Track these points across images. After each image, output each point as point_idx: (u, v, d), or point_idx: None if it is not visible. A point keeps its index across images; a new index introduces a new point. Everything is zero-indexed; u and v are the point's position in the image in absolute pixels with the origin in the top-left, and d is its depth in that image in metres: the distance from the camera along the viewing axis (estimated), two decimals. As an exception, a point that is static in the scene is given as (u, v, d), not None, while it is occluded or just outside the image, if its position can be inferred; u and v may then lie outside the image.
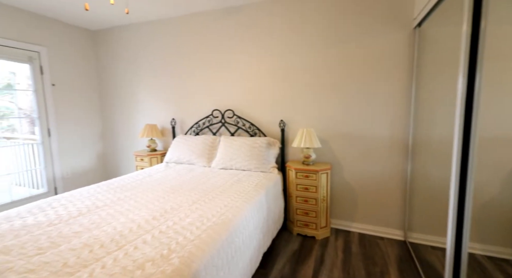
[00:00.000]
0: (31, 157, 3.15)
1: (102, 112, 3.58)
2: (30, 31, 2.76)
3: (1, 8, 2.52)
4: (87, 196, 1.74)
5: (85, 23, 3.16)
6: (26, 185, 3.29)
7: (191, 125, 3.02)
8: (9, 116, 3.76)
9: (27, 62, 2.80)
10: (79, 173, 3.30)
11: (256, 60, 2.62)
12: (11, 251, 1.07)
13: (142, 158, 2.98)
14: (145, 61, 3.18)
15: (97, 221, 1.36)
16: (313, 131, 2.26)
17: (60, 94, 3.08)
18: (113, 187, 1.94)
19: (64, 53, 3.11)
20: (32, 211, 1.48)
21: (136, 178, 2.19)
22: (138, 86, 3.28)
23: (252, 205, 1.65)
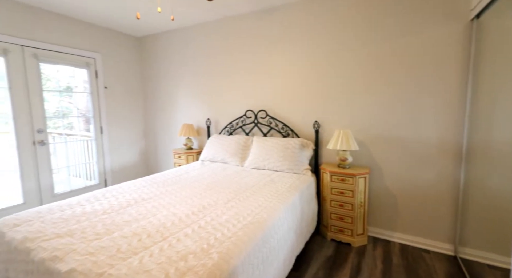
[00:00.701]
0: (86, 152, 3.55)
1: (145, 112, 3.88)
2: (87, 39, 3.11)
3: (64, 20, 2.88)
4: (134, 189, 1.90)
5: (132, 31, 3.46)
6: (82, 176, 3.72)
7: (225, 125, 3.11)
8: (68, 115, 4.30)
9: (84, 67, 3.16)
10: (125, 167, 3.62)
11: (289, 60, 2.60)
12: (74, 234, 1.22)
13: (180, 156, 3.16)
14: (183, 64, 3.37)
15: (143, 212, 1.47)
16: (350, 133, 2.16)
17: (111, 96, 3.41)
18: (156, 181, 2.08)
19: (115, 58, 3.44)
20: (90, 200, 1.66)
21: (175, 174, 2.32)
22: (177, 88, 3.49)
23: (286, 206, 1.64)
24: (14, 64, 2.49)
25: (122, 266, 0.97)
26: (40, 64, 2.70)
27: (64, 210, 1.49)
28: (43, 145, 2.73)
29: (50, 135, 2.97)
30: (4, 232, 1.28)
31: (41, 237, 1.19)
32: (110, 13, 2.82)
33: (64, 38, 2.87)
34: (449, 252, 2.01)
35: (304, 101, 2.56)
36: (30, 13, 2.58)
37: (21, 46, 2.53)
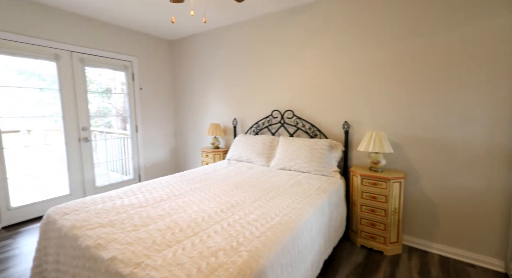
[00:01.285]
0: (122, 148, 3.82)
1: (175, 112, 4.06)
2: (126, 44, 3.34)
3: (107, 27, 3.13)
4: (166, 185, 1.99)
5: (165, 35, 3.64)
6: (118, 171, 4.01)
7: (251, 125, 3.13)
8: (107, 114, 4.66)
9: (123, 70, 3.40)
10: (156, 164, 3.83)
11: (319, 59, 2.53)
12: (115, 225, 1.31)
13: (207, 154, 3.25)
14: (212, 65, 3.46)
15: (175, 207, 1.54)
16: (384, 135, 2.04)
17: (145, 97, 3.63)
18: (186, 179, 2.16)
19: (149, 61, 3.65)
20: (127, 193, 1.78)
21: (203, 172, 2.39)
22: (205, 89, 3.59)
23: (314, 209, 1.60)
24: (64, 68, 2.76)
25: (158, 257, 1.02)
26: (85, 67, 2.97)
27: (106, 202, 1.61)
28: (86, 141, 3.00)
29: (92, 133, 3.24)
30: (56, 219, 1.42)
31: (87, 225, 1.30)
32: (146, 19, 2.99)
33: (106, 43, 3.12)
34: (499, 268, 1.79)
35: (334, 101, 2.48)
36: (77, 21, 2.84)
37: (70, 51, 2.80)
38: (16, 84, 2.56)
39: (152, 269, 0.96)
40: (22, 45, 2.44)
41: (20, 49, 2.44)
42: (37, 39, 2.52)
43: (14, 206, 2.48)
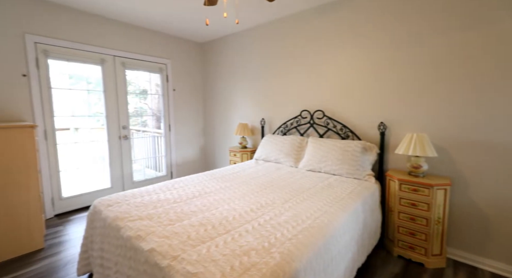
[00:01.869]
0: (156, 146, 4.05)
1: (204, 112, 4.20)
2: (161, 48, 3.54)
3: (145, 32, 3.34)
4: (197, 182, 2.06)
5: (197, 38, 3.78)
6: (152, 168, 4.27)
7: (279, 125, 3.10)
8: (143, 114, 4.99)
9: (158, 72, 3.60)
10: (187, 161, 3.99)
11: (352, 56, 2.42)
12: (152, 218, 1.39)
13: (235, 154, 3.30)
14: (241, 66, 3.51)
15: (207, 204, 1.58)
16: (426, 137, 1.87)
17: (177, 97, 3.80)
18: (215, 177, 2.22)
19: (182, 63, 3.82)
20: (162, 189, 1.88)
21: (232, 171, 2.43)
22: (234, 89, 3.65)
23: (348, 213, 1.52)
24: (108, 71, 3.01)
25: (193, 252, 1.06)
26: (125, 70, 3.20)
27: (143, 196, 1.71)
28: (126, 139, 3.23)
29: (130, 131, 3.47)
30: (101, 210, 1.54)
31: (128, 217, 1.40)
32: (180, 23, 3.14)
33: (144, 47, 3.33)
34: None
35: (368, 101, 2.35)
36: (120, 28, 3.08)
37: (113, 56, 3.04)
38: (68, 86, 2.85)
39: (188, 263, 0.99)
40: (74, 51, 2.71)
41: (72, 55, 2.71)
42: (86, 46, 2.78)
43: (65, 196, 2.76)
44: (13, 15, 2.31)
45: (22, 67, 2.39)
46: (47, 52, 2.53)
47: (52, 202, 2.65)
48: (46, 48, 2.52)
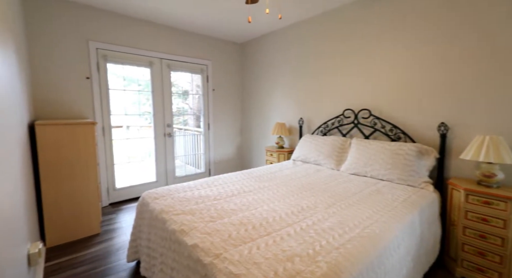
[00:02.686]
0: (196, 144, 4.23)
1: (242, 111, 4.25)
2: (202, 49, 3.68)
3: (188, 35, 3.50)
4: (236, 181, 2.06)
5: (235, 38, 3.84)
6: (192, 164, 4.48)
7: (319, 125, 2.96)
8: (184, 113, 5.27)
9: (199, 73, 3.75)
10: (224, 160, 4.09)
11: (404, 49, 2.17)
12: (195, 214, 1.42)
13: (272, 154, 3.25)
14: (279, 64, 3.44)
15: (246, 203, 1.56)
16: (503, 140, 1.57)
17: (216, 97, 3.91)
18: (253, 176, 2.20)
19: (221, 64, 3.92)
20: (203, 185, 1.93)
21: (270, 171, 2.39)
22: (272, 88, 3.61)
23: (402, 224, 1.35)
24: (155, 73, 3.24)
25: (234, 252, 1.04)
26: (171, 72, 3.41)
27: (186, 192, 1.78)
28: (170, 137, 3.44)
29: (173, 129, 3.67)
30: (149, 202, 1.64)
31: (172, 211, 1.45)
32: (221, 24, 3.21)
33: (187, 49, 3.50)
34: None
35: (424, 98, 2.08)
36: (166, 32, 3.28)
37: (160, 59, 3.26)
38: (122, 88, 3.13)
39: (230, 263, 0.97)
40: (128, 55, 2.98)
41: (126, 59, 2.98)
42: (137, 50, 3.03)
43: (118, 187, 3.05)
44: (80, 25, 2.63)
45: (86, 71, 2.70)
46: (106, 57, 2.82)
47: (107, 192, 2.95)
48: (106, 53, 2.81)
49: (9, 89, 1.32)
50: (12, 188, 1.21)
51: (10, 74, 1.38)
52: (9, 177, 1.14)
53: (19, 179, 1.36)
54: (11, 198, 1.15)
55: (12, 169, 1.23)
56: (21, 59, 1.84)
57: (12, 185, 1.20)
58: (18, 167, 1.36)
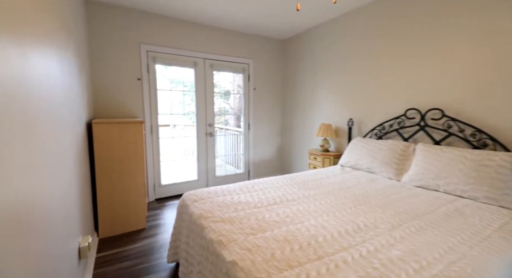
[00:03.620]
0: (235, 144, 4.20)
1: (283, 111, 4.06)
2: (244, 48, 3.60)
3: (231, 34, 3.46)
4: (277, 186, 1.90)
5: (278, 34, 3.66)
6: (231, 164, 4.47)
7: (373, 126, 2.59)
8: (225, 113, 5.32)
9: (241, 72, 3.69)
10: (263, 161, 3.96)
11: (489, 35, 1.69)
12: (234, 223, 1.30)
13: (315, 157, 2.99)
14: (325, 60, 3.15)
15: (290, 215, 1.38)
16: None
17: (257, 96, 3.81)
18: (296, 182, 2.00)
19: (263, 62, 3.79)
20: (242, 189, 1.81)
21: (315, 177, 2.16)
22: (317, 86, 3.34)
23: (503, 262, 1.00)
24: (199, 73, 3.28)
25: (279, 279, 0.87)
26: (213, 72, 3.42)
27: (225, 196, 1.68)
28: (211, 136, 3.46)
29: (214, 129, 3.69)
30: (188, 205, 1.59)
31: (211, 217, 1.36)
32: (263, 20, 3.08)
33: (229, 49, 3.47)
34: None
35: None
36: (209, 32, 3.29)
37: (204, 59, 3.29)
38: (169, 88, 3.25)
39: (274, 293, 0.81)
40: (174, 57, 3.07)
41: (172, 60, 3.07)
42: (183, 50, 3.10)
43: (163, 183, 3.18)
44: (133, 29, 2.79)
45: (137, 72, 2.86)
46: (155, 59, 2.95)
47: (153, 188, 3.09)
48: (155, 55, 2.94)
49: (68, 92, 1.39)
50: (67, 184, 1.26)
51: (69, 76, 1.46)
52: (64, 174, 1.19)
53: (74, 174, 1.43)
54: (65, 193, 1.20)
55: (67, 165, 1.28)
56: (81, 63, 2.00)
57: (67, 181, 1.26)
58: (73, 163, 1.43)
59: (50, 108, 1.07)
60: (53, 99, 1.13)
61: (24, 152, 0.74)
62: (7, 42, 0.65)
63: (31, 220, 0.76)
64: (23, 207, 0.71)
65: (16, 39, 0.72)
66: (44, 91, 0.99)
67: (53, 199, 1.02)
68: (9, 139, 0.64)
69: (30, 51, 0.85)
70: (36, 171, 0.85)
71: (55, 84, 1.17)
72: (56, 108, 1.15)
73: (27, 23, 0.83)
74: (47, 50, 1.06)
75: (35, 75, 0.89)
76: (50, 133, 1.04)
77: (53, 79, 1.13)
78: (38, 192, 0.85)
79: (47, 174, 0.96)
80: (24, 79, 0.78)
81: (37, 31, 0.94)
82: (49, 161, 1.00)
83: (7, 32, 0.66)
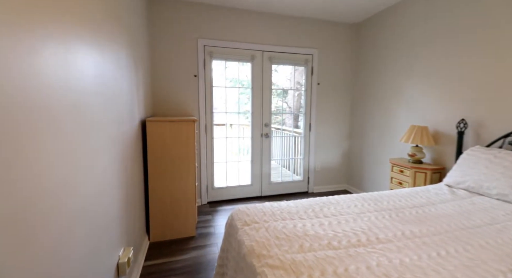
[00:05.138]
0: (294, 147, 3.74)
1: (353, 108, 3.38)
2: (307, 36, 3.10)
3: (291, 21, 3.01)
4: (357, 212, 1.37)
5: (349, 17, 3.02)
6: (288, 168, 4.04)
7: (506, 132, 1.74)
8: (283, 112, 4.89)
9: (303, 65, 3.20)
10: (326, 168, 3.39)
11: None
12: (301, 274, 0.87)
13: (402, 170, 2.27)
14: (417, 45, 2.37)
15: (389, 270, 0.87)
16: None
17: (321, 92, 3.25)
18: (384, 208, 1.43)
19: (329, 52, 3.21)
20: (307, 212, 1.36)
21: (412, 202, 1.52)
22: (402, 76, 2.57)
23: None
24: (256, 67, 2.96)
25: None
26: (272, 65, 3.05)
27: (285, 220, 1.27)
28: (267, 137, 3.11)
29: (271, 129, 3.32)
30: (238, 228, 1.25)
31: (267, 257, 0.97)
32: (330, 1, 2.52)
33: (289, 38, 3.03)
34: None
35: None
36: (266, 20, 2.92)
37: (262, 51, 2.95)
38: (226, 91, 3.02)
39: None
40: (230, 50, 2.83)
41: (229, 54, 2.84)
42: (239, 43, 2.83)
43: (216, 186, 3.00)
44: (191, 23, 2.66)
45: (194, 69, 2.73)
46: (212, 53, 2.77)
47: (206, 190, 2.94)
48: (211, 50, 2.76)
49: (111, 87, 1.23)
50: (102, 187, 1.07)
51: (114, 68, 1.30)
52: (97, 177, 0.99)
53: (117, 177, 1.27)
54: (98, 201, 1.00)
55: (105, 166, 1.10)
56: (136, 55, 1.90)
57: (103, 184, 1.07)
58: (116, 164, 1.27)
59: (77, 103, 0.87)
60: (86, 95, 0.93)
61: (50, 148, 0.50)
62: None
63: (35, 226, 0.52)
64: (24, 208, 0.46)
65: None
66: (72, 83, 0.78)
67: (74, 204, 0.81)
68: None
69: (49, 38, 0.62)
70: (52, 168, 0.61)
71: (86, 75, 0.98)
72: (87, 104, 0.96)
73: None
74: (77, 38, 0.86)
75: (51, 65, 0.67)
76: (75, 130, 0.83)
77: (82, 72, 0.94)
78: (44, 193, 0.62)
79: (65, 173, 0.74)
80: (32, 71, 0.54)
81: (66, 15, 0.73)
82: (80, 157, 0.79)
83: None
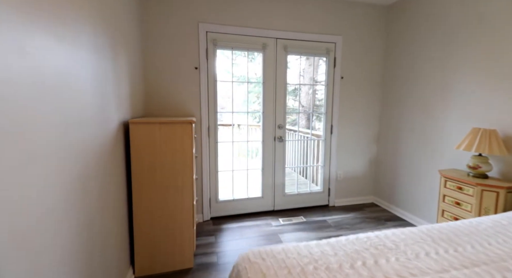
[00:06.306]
0: (311, 152, 3.25)
1: (383, 107, 2.85)
2: (329, 21, 2.59)
3: (308, 2, 2.52)
4: (436, 269, 0.88)
5: (385, -5, 2.50)
6: (302, 174, 3.54)
7: None
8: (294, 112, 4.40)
9: (324, 55, 2.70)
10: (349, 177, 2.87)
11: None
12: None
13: (460, 186, 1.74)
14: (470, 25, 1.82)
15: None
16: None
17: (345, 88, 2.74)
18: (475, 259, 0.92)
19: (355, 40, 2.70)
20: (341, 262, 0.88)
21: (504, 247, 1.01)
22: (452, 66, 2.03)
23: None
24: (268, 59, 2.49)
25: None
26: (287, 56, 2.57)
27: (313, 276, 0.80)
28: (281, 141, 2.62)
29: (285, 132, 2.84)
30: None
31: None
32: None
33: (308, 23, 2.54)
34: None
35: None
36: (283, 2, 2.45)
37: (275, 39, 2.48)
38: (232, 86, 2.56)
39: None
40: (238, 38, 2.37)
41: (236, 42, 2.38)
42: (249, 29, 2.37)
43: (221, 199, 2.54)
44: (191, 4, 2.21)
45: (195, 60, 2.29)
46: (216, 41, 2.32)
47: (209, 204, 2.49)
48: (215, 37, 2.31)
49: (66, 78, 0.79)
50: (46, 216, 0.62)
51: (69, 56, 0.86)
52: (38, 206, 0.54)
53: (73, 200, 0.82)
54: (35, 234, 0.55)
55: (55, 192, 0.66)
56: (117, 43, 1.47)
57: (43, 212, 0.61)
58: (75, 184, 0.82)
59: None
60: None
61: None
62: None
63: None
64: None
65: None
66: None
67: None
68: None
69: None
70: None
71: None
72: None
73: None
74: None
75: None
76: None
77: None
78: None
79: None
80: None
81: None
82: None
83: None
